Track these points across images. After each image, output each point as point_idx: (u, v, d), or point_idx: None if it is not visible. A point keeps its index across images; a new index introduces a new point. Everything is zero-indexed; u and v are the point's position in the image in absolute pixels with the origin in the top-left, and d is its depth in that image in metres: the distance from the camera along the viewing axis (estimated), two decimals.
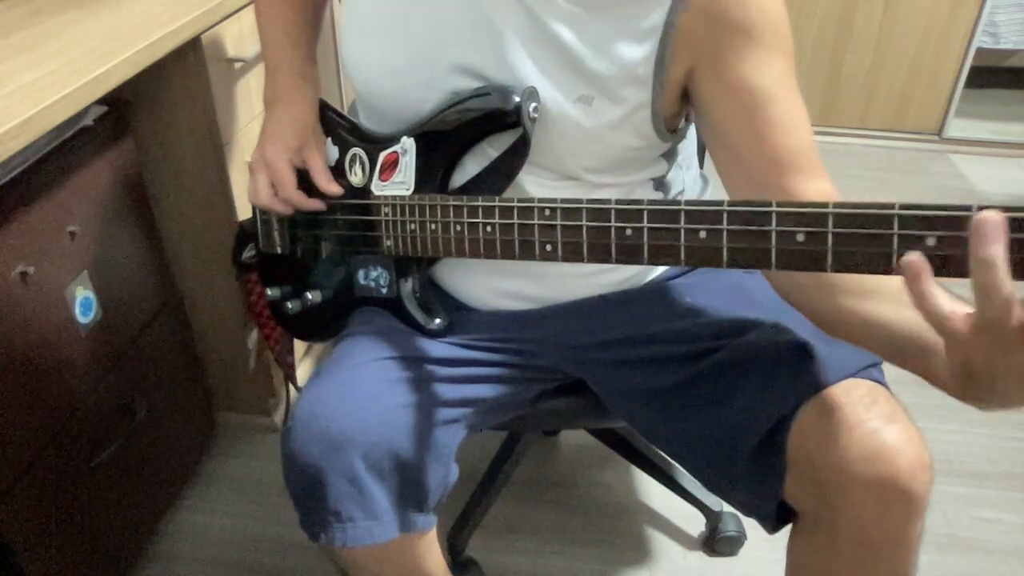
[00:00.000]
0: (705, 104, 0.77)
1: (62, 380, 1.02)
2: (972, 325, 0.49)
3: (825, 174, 0.74)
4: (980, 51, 2.60)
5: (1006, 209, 0.47)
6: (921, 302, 0.49)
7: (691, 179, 0.96)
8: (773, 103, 0.72)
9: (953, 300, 0.50)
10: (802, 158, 0.73)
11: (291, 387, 1.24)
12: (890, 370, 0.75)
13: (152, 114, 1.19)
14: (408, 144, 0.83)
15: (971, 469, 1.48)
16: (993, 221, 0.45)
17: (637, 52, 0.74)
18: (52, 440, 1.00)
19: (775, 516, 0.76)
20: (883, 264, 0.54)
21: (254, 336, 1.41)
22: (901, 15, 2.55)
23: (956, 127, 2.71)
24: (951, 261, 0.50)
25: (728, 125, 0.75)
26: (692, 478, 0.86)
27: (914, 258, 0.49)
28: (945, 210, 0.50)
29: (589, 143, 0.79)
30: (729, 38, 0.72)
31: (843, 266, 0.56)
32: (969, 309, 0.49)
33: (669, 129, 0.81)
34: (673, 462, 1.31)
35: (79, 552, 1.07)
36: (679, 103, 0.80)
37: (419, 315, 0.89)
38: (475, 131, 0.79)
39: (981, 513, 1.39)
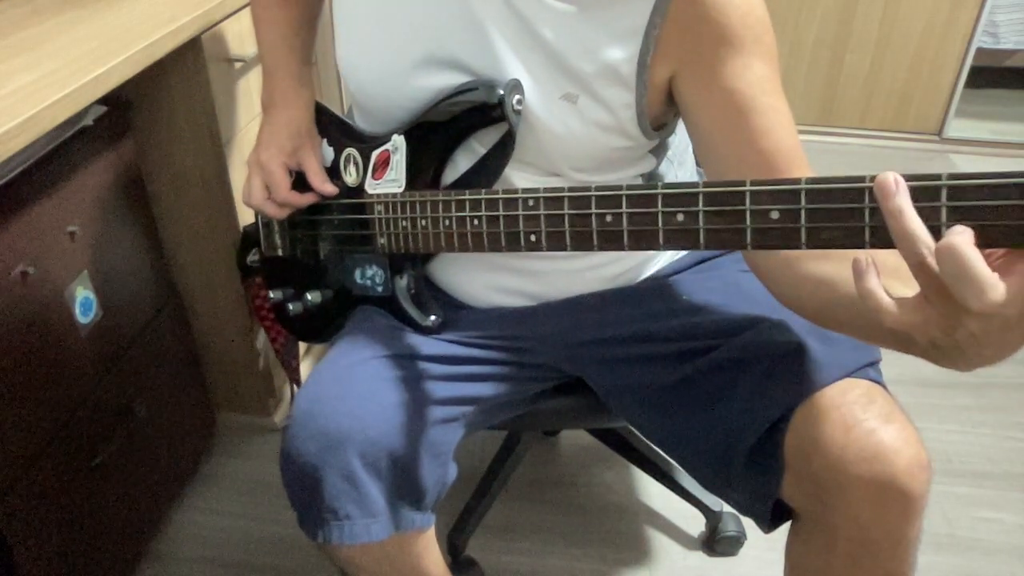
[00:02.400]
0: (689, 108, 0.77)
1: (62, 380, 1.02)
2: (916, 300, 0.49)
3: (807, 171, 0.74)
4: (980, 51, 2.60)
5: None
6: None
7: (686, 175, 0.96)
8: (755, 108, 0.73)
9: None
10: (785, 161, 0.73)
11: (295, 389, 1.24)
12: (888, 370, 0.76)
13: (152, 114, 1.19)
14: (399, 142, 0.84)
15: (971, 469, 1.48)
16: (890, 179, 0.49)
17: (619, 52, 0.75)
18: (52, 440, 1.00)
19: (771, 515, 0.77)
20: (857, 238, 0.54)
21: (262, 336, 1.41)
22: (901, 15, 2.55)
23: (956, 127, 2.71)
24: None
25: (712, 130, 0.76)
26: (692, 478, 0.87)
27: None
28: (916, 180, 0.50)
29: (575, 142, 0.79)
30: (710, 44, 0.73)
31: (818, 242, 0.56)
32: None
33: (655, 127, 0.81)
34: (673, 462, 1.31)
35: (79, 552, 1.08)
36: (665, 105, 0.80)
37: (414, 312, 0.89)
38: (462, 126, 0.80)
39: (981, 513, 1.39)
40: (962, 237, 0.45)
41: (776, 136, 0.73)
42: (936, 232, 0.49)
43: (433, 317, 0.89)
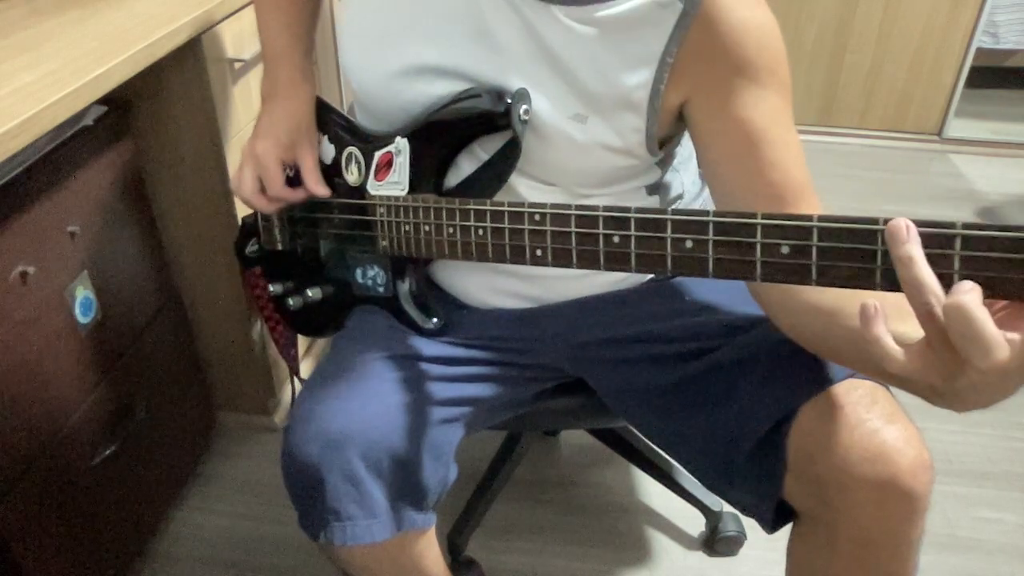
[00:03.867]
0: (700, 135, 0.77)
1: (62, 380, 1.02)
2: (919, 346, 0.49)
3: (817, 204, 0.74)
4: (980, 51, 2.60)
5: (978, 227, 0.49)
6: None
7: (690, 180, 0.96)
8: (766, 141, 0.73)
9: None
10: (793, 194, 0.73)
11: (295, 381, 1.24)
12: None
13: (152, 114, 1.19)
14: (402, 145, 0.83)
15: (971, 469, 1.48)
16: (901, 225, 0.49)
17: (633, 78, 0.75)
18: (52, 440, 1.00)
19: (774, 516, 0.76)
20: (867, 279, 0.54)
21: (259, 327, 1.41)
22: (901, 15, 2.55)
23: (956, 127, 2.71)
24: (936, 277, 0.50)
25: (722, 159, 0.76)
26: (692, 478, 0.86)
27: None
28: (930, 227, 0.50)
29: (581, 160, 0.79)
30: (725, 74, 0.73)
31: (827, 280, 0.56)
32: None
33: (662, 145, 0.81)
34: (673, 462, 1.31)
35: (79, 552, 1.07)
36: (673, 126, 0.80)
37: (416, 314, 0.89)
38: (467, 132, 0.80)
39: (981, 513, 1.39)
40: (971, 296, 0.45)
41: (786, 169, 0.73)
42: (948, 280, 0.49)
43: (435, 320, 0.89)
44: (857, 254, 0.54)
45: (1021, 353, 0.46)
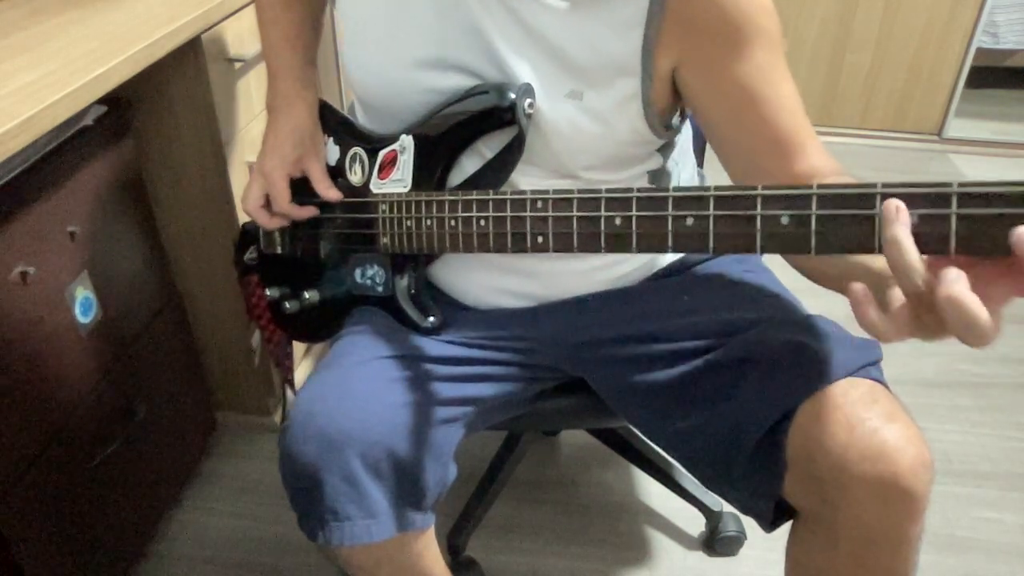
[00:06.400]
0: (693, 100, 0.79)
1: (62, 380, 1.02)
2: (907, 315, 0.52)
3: (820, 147, 0.76)
4: (980, 51, 2.60)
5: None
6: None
7: (687, 176, 0.96)
8: (758, 98, 0.74)
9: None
10: (792, 144, 0.75)
11: (287, 391, 1.24)
12: (888, 370, 0.76)
13: (152, 114, 1.19)
14: (407, 142, 0.84)
15: (971, 469, 1.48)
16: (891, 207, 0.51)
17: (622, 44, 0.75)
18: (52, 440, 1.00)
19: (772, 514, 0.77)
20: (867, 244, 0.54)
21: (258, 335, 1.41)
22: (901, 15, 2.55)
23: (956, 127, 2.71)
24: (933, 239, 0.51)
25: (719, 121, 0.78)
26: (692, 478, 0.86)
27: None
28: (926, 187, 0.50)
29: (583, 140, 0.79)
30: (709, 37, 0.73)
31: (827, 247, 0.56)
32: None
33: (663, 125, 0.82)
34: (673, 462, 1.31)
35: (79, 552, 1.07)
36: (671, 98, 0.80)
37: (413, 313, 0.89)
38: (472, 129, 0.80)
39: (981, 513, 1.39)
40: (960, 285, 0.47)
41: (781, 122, 0.75)
42: (945, 241, 0.50)
43: (432, 318, 0.89)
44: (857, 219, 0.54)
45: (998, 321, 0.48)
